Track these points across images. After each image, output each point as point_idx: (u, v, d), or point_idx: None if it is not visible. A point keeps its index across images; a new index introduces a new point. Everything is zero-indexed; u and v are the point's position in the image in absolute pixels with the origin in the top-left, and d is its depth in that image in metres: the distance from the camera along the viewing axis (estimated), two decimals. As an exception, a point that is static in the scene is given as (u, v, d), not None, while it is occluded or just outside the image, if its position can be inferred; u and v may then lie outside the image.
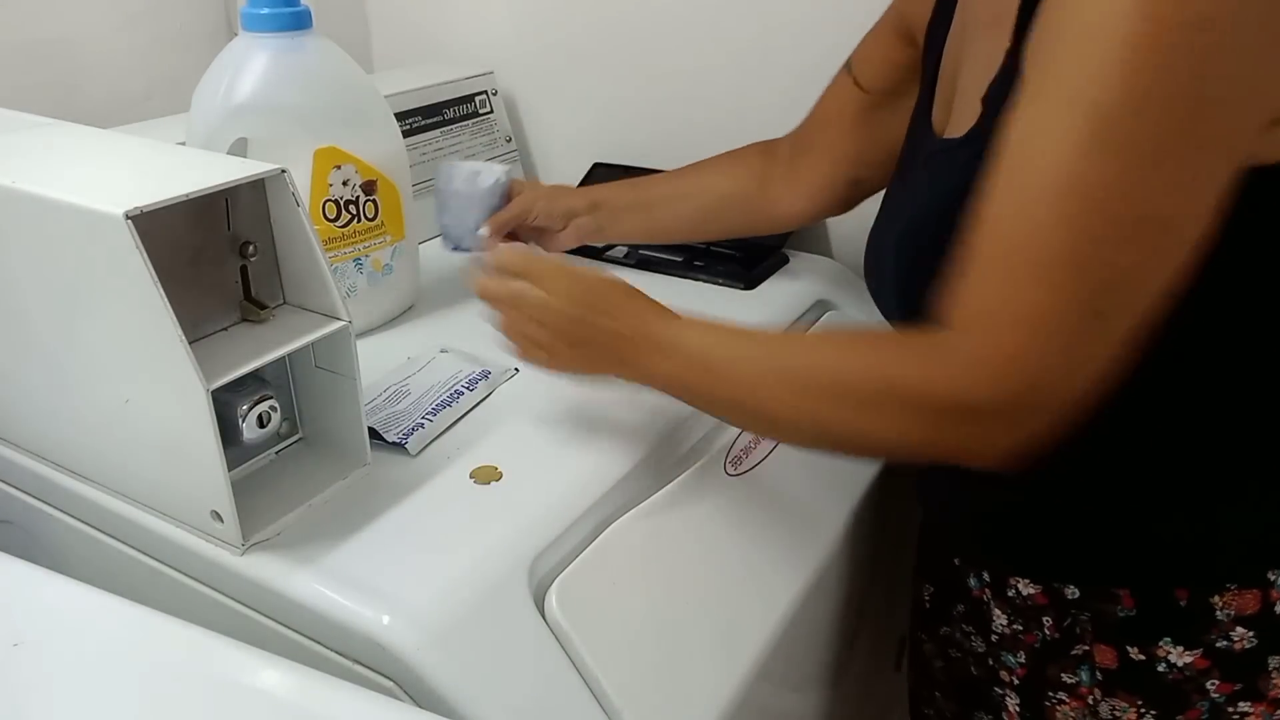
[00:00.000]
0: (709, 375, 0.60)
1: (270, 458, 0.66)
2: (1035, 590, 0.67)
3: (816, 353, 0.57)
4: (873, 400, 0.53)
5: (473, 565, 0.58)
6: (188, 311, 0.57)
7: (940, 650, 0.82)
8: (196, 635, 0.47)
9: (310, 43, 0.85)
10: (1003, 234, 0.49)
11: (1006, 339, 0.49)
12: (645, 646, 0.62)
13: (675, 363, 0.61)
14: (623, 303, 0.64)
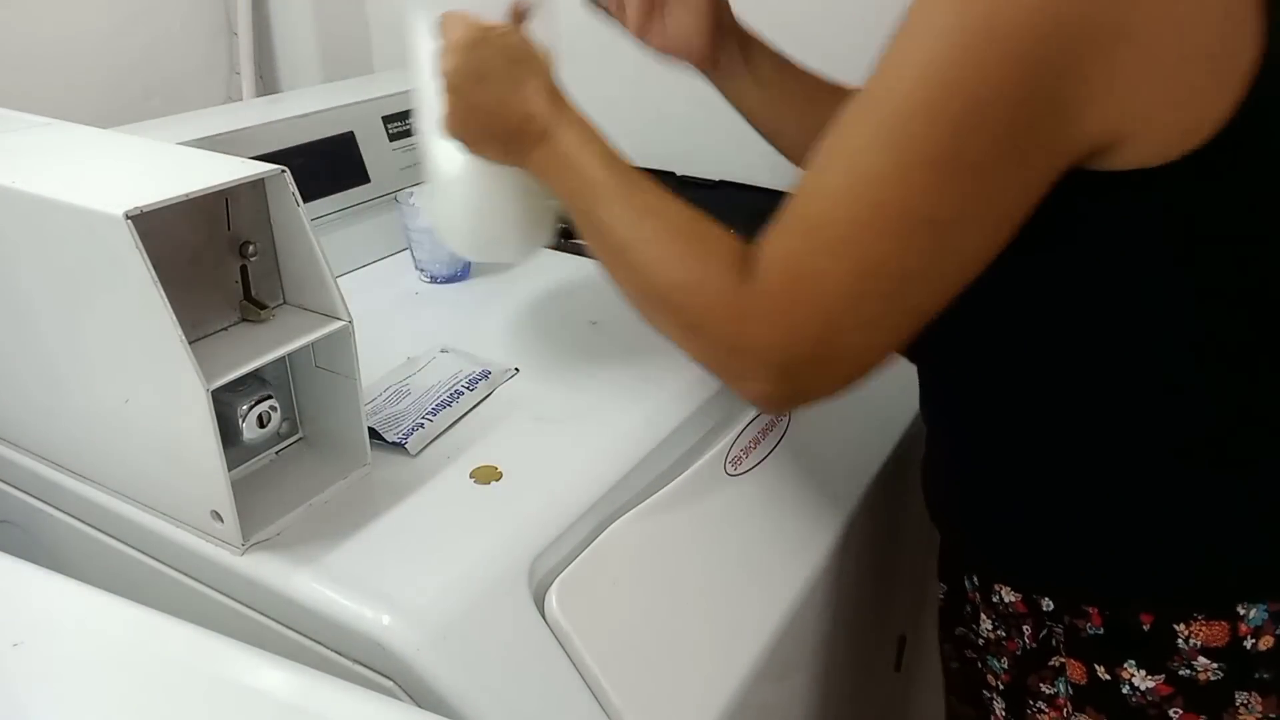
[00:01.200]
0: (574, 175, 0.63)
1: (270, 458, 0.66)
2: (1016, 598, 0.66)
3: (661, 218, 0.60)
4: (668, 294, 0.57)
5: (473, 565, 0.58)
6: (188, 311, 0.57)
7: (956, 652, 0.82)
8: (196, 635, 0.47)
9: None
10: (806, 198, 0.53)
11: (787, 296, 0.52)
12: (645, 646, 0.62)
13: (546, 153, 0.64)
14: (515, 72, 0.65)
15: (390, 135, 1.09)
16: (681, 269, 0.56)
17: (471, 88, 0.64)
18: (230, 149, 0.71)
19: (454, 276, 0.98)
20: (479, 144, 0.67)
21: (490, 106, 0.64)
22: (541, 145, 0.63)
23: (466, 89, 0.64)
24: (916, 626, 1.19)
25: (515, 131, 0.64)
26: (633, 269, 0.59)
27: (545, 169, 0.64)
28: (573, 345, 0.85)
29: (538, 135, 0.63)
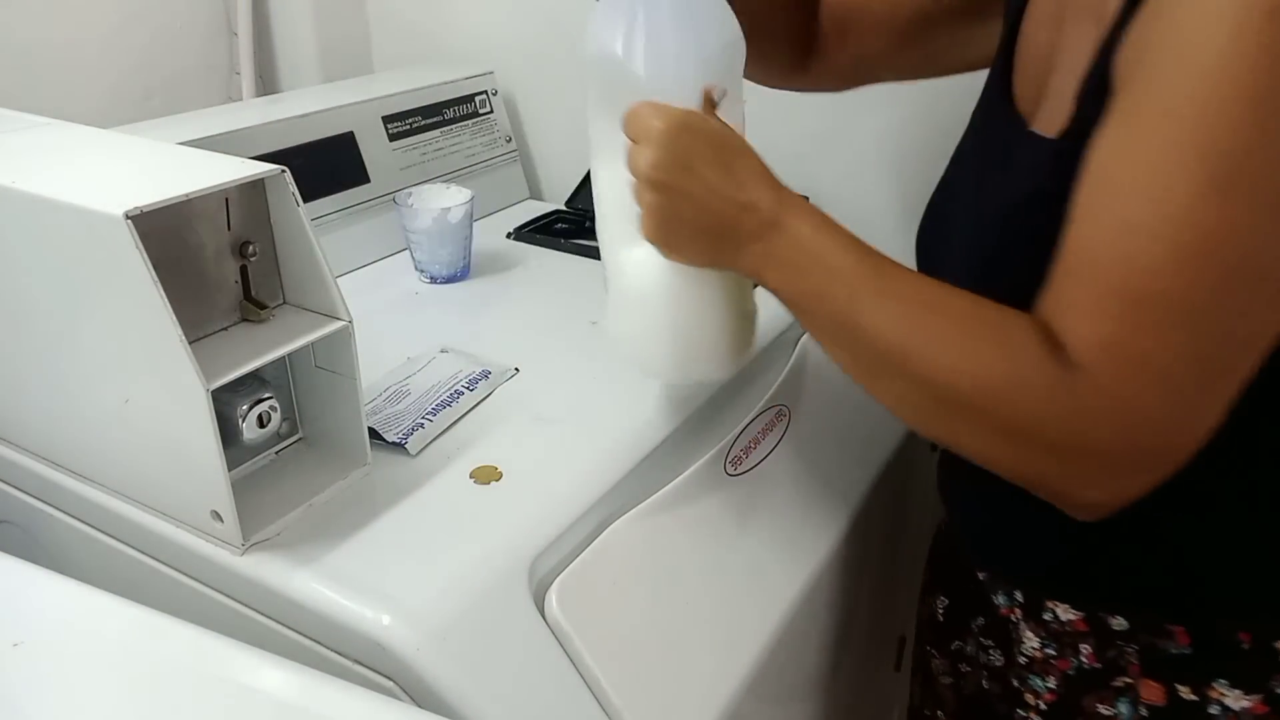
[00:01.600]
0: (817, 269, 0.54)
1: (270, 458, 0.66)
2: (1075, 616, 0.63)
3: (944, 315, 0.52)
4: (977, 399, 0.50)
5: (473, 565, 0.58)
6: (188, 311, 0.57)
7: (950, 666, 0.80)
8: (196, 635, 0.47)
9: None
10: (1118, 267, 0.46)
11: (1128, 386, 0.46)
12: (645, 646, 0.62)
13: (771, 246, 0.55)
14: (725, 157, 0.56)
15: (390, 135, 1.09)
16: (988, 368, 0.49)
17: (678, 179, 0.56)
18: (230, 149, 0.71)
19: (454, 276, 0.98)
20: (685, 244, 0.58)
21: (700, 198, 0.56)
22: (765, 238, 0.55)
23: (672, 181, 0.56)
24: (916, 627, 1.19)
25: (731, 225, 0.56)
26: (917, 376, 0.51)
27: (770, 265, 0.56)
28: (573, 345, 0.85)
29: (759, 226, 0.55)
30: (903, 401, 0.54)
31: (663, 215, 0.57)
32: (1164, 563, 0.59)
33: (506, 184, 1.24)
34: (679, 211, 0.57)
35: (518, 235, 1.11)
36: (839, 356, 0.56)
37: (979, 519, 0.71)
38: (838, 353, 0.56)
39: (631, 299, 0.65)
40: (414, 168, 1.11)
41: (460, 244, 0.97)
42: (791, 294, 0.56)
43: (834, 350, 0.56)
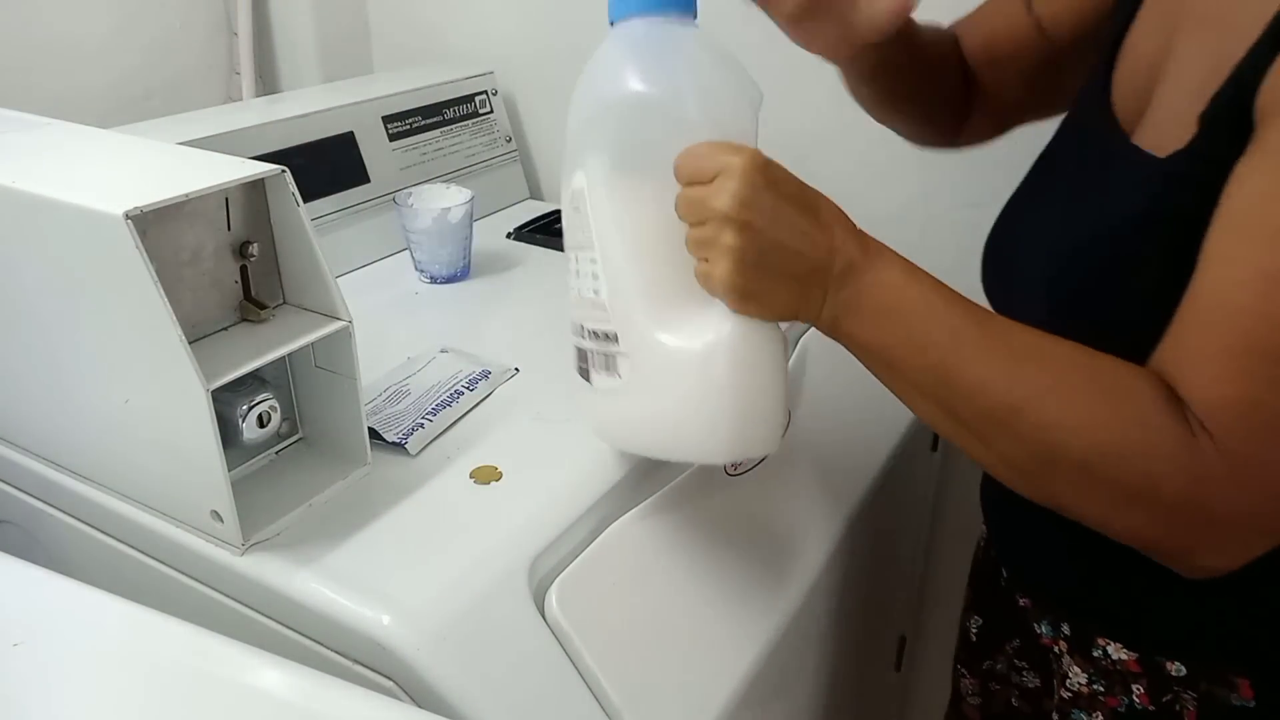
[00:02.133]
0: (912, 317, 0.51)
1: (270, 458, 0.66)
2: (1128, 657, 0.60)
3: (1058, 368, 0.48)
4: (1093, 461, 0.47)
5: (473, 565, 0.58)
6: (188, 311, 0.57)
7: (980, 686, 0.78)
8: (196, 635, 0.47)
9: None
10: (1255, 322, 0.43)
11: (1261, 451, 0.44)
12: (645, 646, 0.62)
13: (860, 293, 0.51)
14: (809, 198, 0.52)
15: (390, 135, 1.09)
16: (1104, 427, 0.46)
17: (764, 218, 0.50)
18: (230, 149, 0.71)
19: (454, 276, 0.98)
20: (767, 292, 0.52)
21: (787, 240, 0.51)
22: (853, 284, 0.51)
23: (758, 220, 0.50)
24: (916, 626, 1.19)
25: (819, 269, 0.51)
26: (1025, 435, 0.48)
27: (856, 314, 0.52)
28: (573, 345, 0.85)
29: (847, 272, 0.51)
30: (1007, 462, 0.50)
31: (744, 259, 0.51)
32: (1231, 610, 0.57)
33: (506, 184, 1.24)
34: (762, 254, 0.51)
35: (518, 235, 1.11)
36: (930, 412, 0.52)
37: (1025, 547, 0.68)
38: (930, 409, 0.51)
39: (675, 375, 0.56)
40: (414, 168, 1.11)
41: (460, 244, 0.97)
42: (879, 345, 0.52)
43: (925, 406, 0.52)
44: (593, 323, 0.59)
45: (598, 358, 0.60)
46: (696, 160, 0.52)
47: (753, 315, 0.54)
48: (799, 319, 0.54)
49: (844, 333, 0.53)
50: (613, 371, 0.59)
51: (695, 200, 0.52)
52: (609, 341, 0.58)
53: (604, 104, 0.56)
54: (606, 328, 0.58)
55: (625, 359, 0.58)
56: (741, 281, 0.51)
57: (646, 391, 0.58)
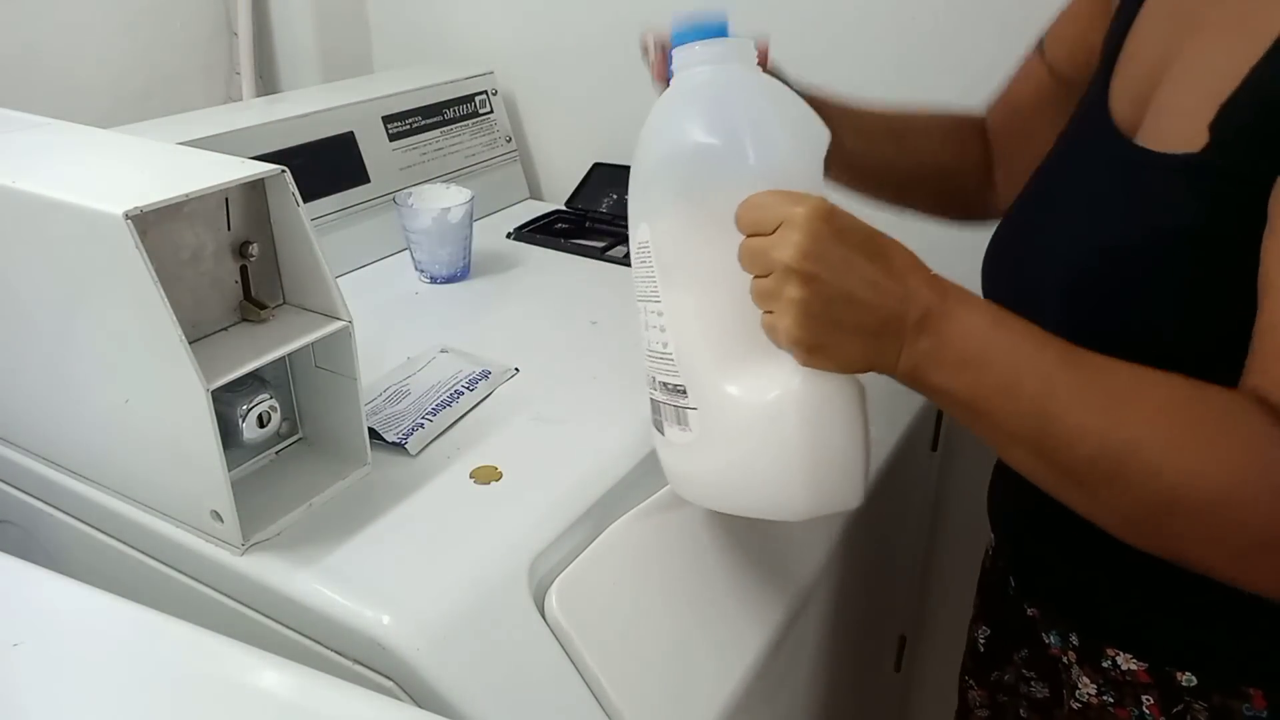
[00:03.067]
0: (1000, 364, 0.48)
1: (270, 458, 0.66)
2: (1139, 667, 0.60)
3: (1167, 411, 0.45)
4: (1217, 505, 0.43)
5: (473, 565, 0.58)
6: (188, 311, 0.57)
7: (988, 698, 0.78)
8: (196, 635, 0.47)
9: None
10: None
11: None
12: (645, 646, 0.62)
13: (940, 342, 0.49)
14: (878, 245, 0.50)
15: (390, 135, 1.09)
16: (1226, 469, 0.43)
17: (830, 269, 0.48)
18: (230, 149, 0.71)
19: (454, 276, 0.98)
20: (838, 345, 0.50)
21: (856, 290, 0.48)
22: (932, 332, 0.48)
23: (823, 272, 0.48)
24: (916, 626, 1.19)
25: (894, 319, 0.49)
26: (1135, 481, 0.45)
27: (938, 363, 0.48)
28: (573, 345, 0.85)
29: (925, 320, 0.48)
30: (1117, 513, 0.47)
31: (811, 311, 0.48)
32: (1243, 622, 0.56)
33: (506, 184, 1.24)
34: (829, 306, 0.48)
35: (518, 235, 1.11)
36: (1027, 462, 0.48)
37: (1034, 558, 0.68)
38: (1026, 458, 0.48)
39: (744, 429, 0.54)
40: (414, 168, 1.11)
41: (460, 244, 0.97)
42: (967, 396, 0.48)
43: (1021, 455, 0.48)
44: (662, 375, 0.58)
45: (669, 410, 0.58)
46: (758, 211, 0.50)
47: (822, 369, 0.51)
48: (873, 370, 0.51)
49: (926, 384, 0.50)
50: (684, 425, 0.57)
51: (758, 251, 0.50)
52: (678, 394, 0.57)
53: (665, 155, 0.56)
54: (675, 380, 0.57)
55: (695, 413, 0.56)
56: (808, 335, 0.49)
57: (717, 446, 0.56)
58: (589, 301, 0.93)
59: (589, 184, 1.23)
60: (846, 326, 0.49)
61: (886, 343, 0.49)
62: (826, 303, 0.48)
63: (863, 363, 0.50)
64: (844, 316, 0.49)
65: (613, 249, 1.07)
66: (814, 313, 0.48)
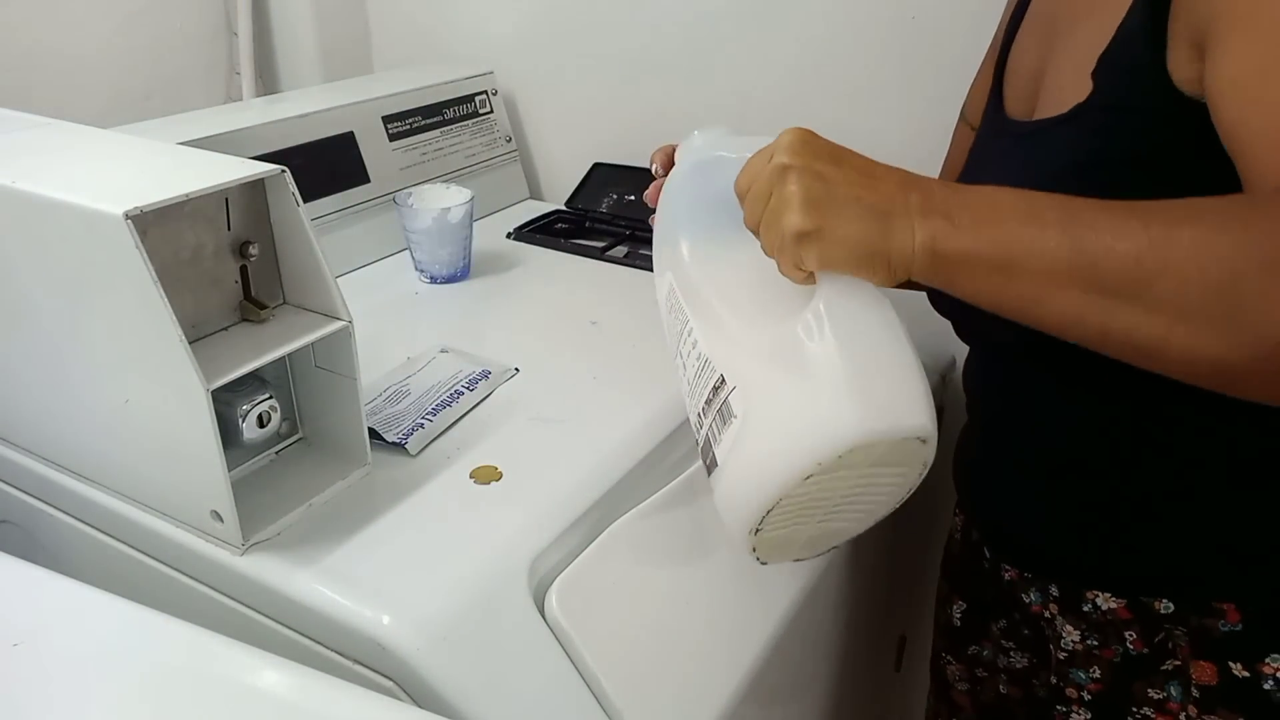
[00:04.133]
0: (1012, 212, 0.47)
1: (270, 458, 0.66)
2: (1118, 604, 0.64)
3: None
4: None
5: (473, 565, 0.58)
6: (188, 311, 0.57)
7: (967, 672, 0.80)
8: (196, 635, 0.47)
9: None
10: None
11: None
12: (645, 646, 0.62)
13: (957, 206, 0.48)
14: (869, 159, 0.51)
15: (390, 135, 1.09)
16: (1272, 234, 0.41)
17: (823, 163, 0.50)
18: (230, 149, 0.71)
19: (454, 276, 0.98)
20: (848, 221, 0.49)
21: (853, 178, 0.49)
22: (935, 206, 0.48)
23: (817, 165, 0.49)
24: (916, 627, 1.19)
25: (895, 197, 0.49)
26: (1186, 262, 0.42)
27: (951, 230, 0.47)
28: (573, 345, 0.85)
29: (927, 198, 0.48)
30: (1180, 308, 0.42)
31: (811, 196, 0.49)
32: (1211, 542, 0.60)
33: (506, 184, 1.24)
34: (830, 188, 0.49)
35: (518, 235, 1.11)
36: (1073, 302, 0.45)
37: (1005, 509, 0.71)
38: (1071, 296, 0.45)
39: (784, 368, 0.53)
40: (414, 168, 1.11)
41: (460, 244, 0.97)
42: (992, 249, 0.46)
43: (1065, 300, 0.45)
44: (703, 391, 0.57)
45: (716, 424, 0.56)
46: (750, 166, 0.53)
47: (837, 260, 0.50)
48: (892, 258, 0.49)
49: (948, 254, 0.48)
50: (729, 418, 0.55)
51: (757, 182, 0.51)
52: (719, 392, 0.55)
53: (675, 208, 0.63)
54: (714, 379, 0.56)
55: (737, 393, 0.54)
56: (812, 220, 0.49)
57: (765, 406, 0.53)
58: (589, 301, 0.93)
59: (589, 184, 1.23)
60: (848, 205, 0.49)
61: (895, 223, 0.48)
62: (825, 185, 0.49)
63: (877, 241, 0.49)
64: (846, 196, 0.49)
65: (613, 249, 1.07)
66: (814, 197, 0.49)
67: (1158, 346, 0.44)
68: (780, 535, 0.55)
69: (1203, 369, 0.43)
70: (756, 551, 0.56)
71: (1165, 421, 0.59)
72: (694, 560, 0.69)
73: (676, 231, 0.62)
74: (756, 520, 0.53)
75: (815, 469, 0.49)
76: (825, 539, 0.59)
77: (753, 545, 0.55)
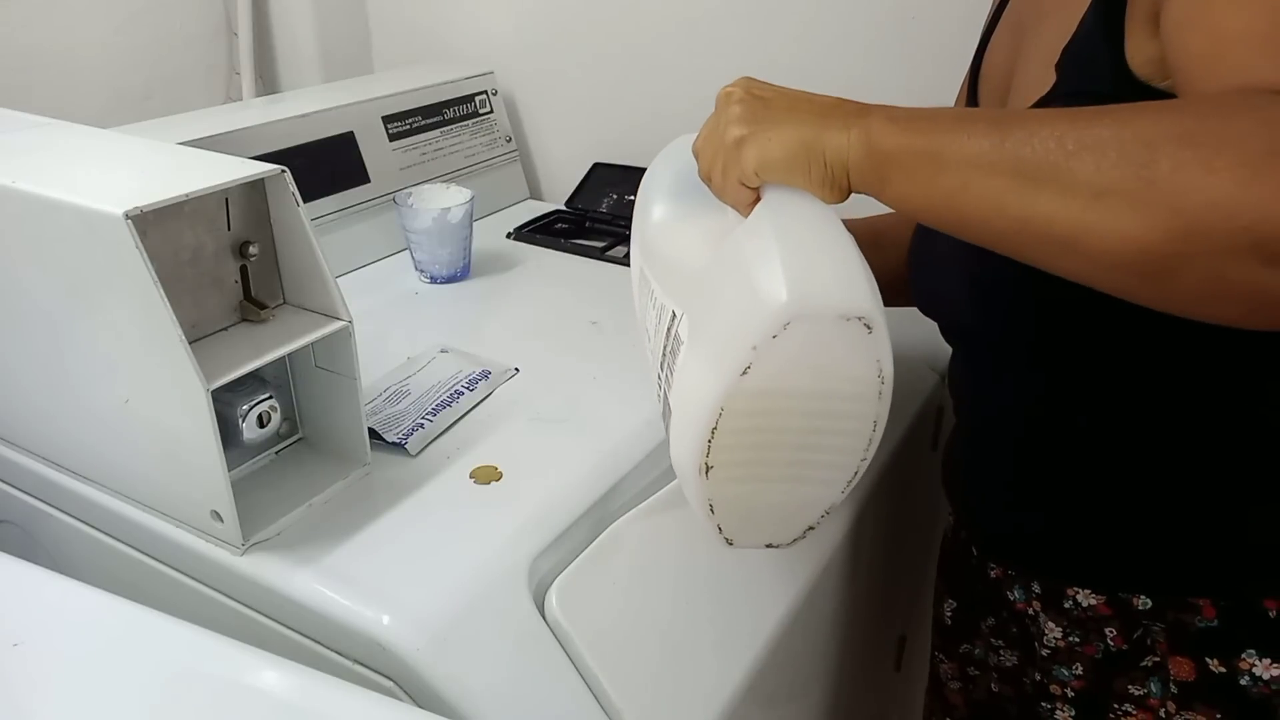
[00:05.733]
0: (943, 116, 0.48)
1: (270, 458, 0.66)
2: (1098, 601, 0.64)
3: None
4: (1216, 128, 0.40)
5: (473, 565, 0.58)
6: (188, 311, 0.57)
7: (959, 670, 0.80)
8: (196, 635, 0.47)
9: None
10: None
11: None
12: (645, 646, 0.62)
13: (889, 112, 0.50)
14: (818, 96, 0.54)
15: (390, 135, 1.09)
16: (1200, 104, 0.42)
17: (764, 89, 0.54)
18: (230, 149, 0.71)
19: (454, 276, 0.98)
20: (785, 120, 0.51)
21: (797, 94, 0.54)
22: (870, 114, 0.50)
23: (759, 90, 0.54)
24: (916, 627, 1.19)
25: (831, 108, 0.52)
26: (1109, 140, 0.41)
27: (887, 128, 0.48)
28: (573, 345, 0.85)
29: (861, 110, 0.50)
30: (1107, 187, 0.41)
31: (753, 109, 0.52)
32: (1187, 538, 0.60)
33: (506, 184, 1.24)
34: (771, 102, 0.52)
35: (518, 235, 1.11)
36: (1009, 191, 0.44)
37: (991, 515, 0.72)
38: (998, 183, 0.44)
39: (725, 271, 0.52)
40: (414, 168, 1.11)
41: (460, 244, 0.97)
42: (922, 144, 0.47)
43: (992, 183, 0.45)
44: (660, 340, 0.56)
45: (669, 365, 0.55)
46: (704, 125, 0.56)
47: (774, 158, 0.51)
48: (828, 154, 0.50)
49: (882, 148, 0.48)
50: (678, 349, 0.53)
51: (706, 126, 0.55)
52: (671, 329, 0.55)
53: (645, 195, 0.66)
54: (667, 320, 0.56)
55: (684, 320, 0.53)
56: (751, 127, 0.51)
57: (705, 317, 0.52)
58: (589, 301, 0.93)
59: (589, 184, 1.23)
60: (787, 113, 0.52)
61: (831, 122, 0.50)
62: (765, 103, 0.52)
63: (810, 140, 0.50)
64: (783, 105, 0.52)
65: (613, 249, 1.07)
66: (753, 111, 0.52)
67: (1075, 232, 0.42)
68: (740, 492, 0.52)
69: (1120, 257, 0.42)
70: (717, 516, 0.53)
71: (1140, 417, 0.60)
72: (694, 560, 0.69)
73: (643, 213, 0.66)
74: (703, 447, 0.49)
75: (752, 356, 0.46)
76: (796, 513, 0.56)
77: (709, 501, 0.52)
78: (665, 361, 0.55)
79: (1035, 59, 0.60)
